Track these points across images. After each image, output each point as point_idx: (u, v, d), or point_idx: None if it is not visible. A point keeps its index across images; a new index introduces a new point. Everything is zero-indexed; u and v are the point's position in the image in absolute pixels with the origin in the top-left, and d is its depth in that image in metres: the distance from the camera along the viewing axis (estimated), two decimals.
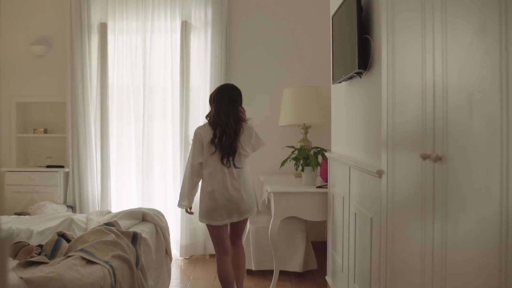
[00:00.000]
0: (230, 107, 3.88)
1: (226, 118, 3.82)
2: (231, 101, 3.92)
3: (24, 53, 6.10)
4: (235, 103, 3.94)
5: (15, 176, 5.84)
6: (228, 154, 3.80)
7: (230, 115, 3.84)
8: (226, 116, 3.83)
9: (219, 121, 3.83)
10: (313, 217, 4.56)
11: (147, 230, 3.93)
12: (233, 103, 3.92)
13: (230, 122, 3.82)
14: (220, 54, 5.80)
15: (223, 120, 3.82)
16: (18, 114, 6.13)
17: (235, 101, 3.95)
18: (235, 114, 3.88)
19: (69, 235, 3.25)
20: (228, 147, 3.79)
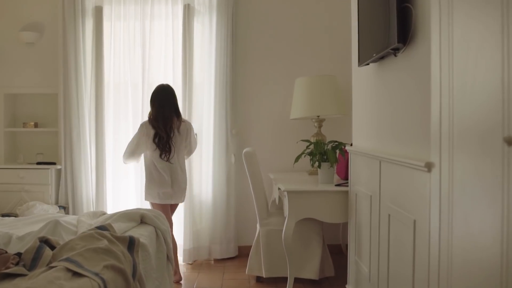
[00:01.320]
0: (167, 106, 4.43)
1: (165, 118, 4.42)
2: (169, 101, 4.46)
3: (12, 40, 5.64)
4: (172, 102, 4.48)
5: (2, 173, 5.36)
6: (165, 151, 4.44)
7: (168, 115, 4.42)
8: (165, 116, 4.42)
9: (158, 121, 4.42)
10: (332, 219, 4.08)
11: (146, 234, 3.44)
12: (170, 102, 4.47)
13: (167, 121, 4.41)
14: (225, 41, 5.32)
15: (161, 120, 4.42)
16: (6, 107, 5.67)
17: (172, 100, 4.48)
18: (171, 113, 4.44)
19: (53, 241, 2.75)
20: (165, 145, 4.43)
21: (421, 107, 2.43)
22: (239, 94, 5.50)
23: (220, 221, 5.37)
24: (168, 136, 4.42)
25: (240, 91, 5.51)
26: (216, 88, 5.33)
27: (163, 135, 4.41)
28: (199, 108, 5.38)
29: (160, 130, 4.41)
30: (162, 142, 4.42)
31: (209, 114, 5.37)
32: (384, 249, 2.98)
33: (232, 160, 5.40)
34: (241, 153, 4.82)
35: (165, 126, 4.41)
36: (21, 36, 5.53)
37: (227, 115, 5.37)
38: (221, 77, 5.32)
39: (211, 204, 5.37)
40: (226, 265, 5.22)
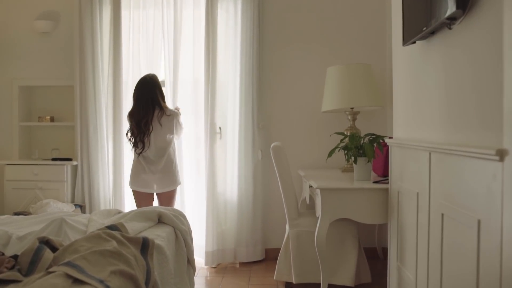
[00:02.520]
0: (143, 102, 4.38)
1: (139, 115, 4.37)
2: (145, 96, 4.39)
3: (27, 30, 5.37)
4: (149, 98, 4.39)
5: (16, 170, 5.09)
6: (136, 146, 4.43)
7: (143, 113, 4.37)
8: (140, 114, 4.37)
9: (133, 116, 4.40)
10: (369, 220, 3.68)
11: (163, 235, 3.09)
12: (147, 98, 4.38)
13: (141, 119, 4.35)
14: (252, 29, 4.97)
15: (135, 116, 4.38)
16: (21, 100, 5.41)
17: (149, 95, 4.39)
18: (147, 110, 4.37)
19: (56, 241, 2.41)
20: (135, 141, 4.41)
21: (485, 87, 2.02)
22: (266, 85, 5.13)
23: (246, 221, 5.00)
24: (140, 132, 4.37)
25: (267, 82, 5.14)
26: (242, 79, 4.97)
27: (135, 130, 4.39)
28: (223, 101, 5.03)
29: (133, 126, 4.40)
30: (133, 136, 4.41)
31: (234, 106, 5.01)
32: (435, 254, 2.57)
33: (259, 156, 5.03)
34: (268, 148, 4.45)
35: (138, 123, 4.37)
36: (35, 26, 5.26)
37: (254, 108, 5.00)
38: (247, 67, 4.97)
39: (236, 204, 5.01)
40: (253, 269, 4.85)
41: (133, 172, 4.52)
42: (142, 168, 4.46)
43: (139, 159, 4.46)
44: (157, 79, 4.51)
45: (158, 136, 4.41)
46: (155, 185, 4.48)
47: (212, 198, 4.97)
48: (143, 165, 4.45)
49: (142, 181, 4.46)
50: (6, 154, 5.39)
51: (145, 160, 4.45)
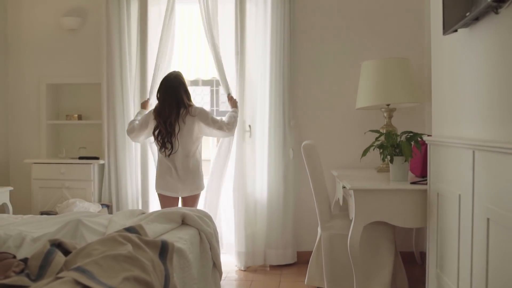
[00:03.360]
0: (168, 102, 4.21)
1: (165, 114, 4.19)
2: (171, 96, 4.21)
3: (54, 27, 5.30)
4: (175, 97, 4.21)
5: (43, 168, 5.02)
6: (165, 147, 4.24)
7: (168, 112, 4.19)
8: (165, 113, 4.20)
9: (160, 116, 4.22)
10: (406, 223, 3.45)
11: (186, 238, 2.93)
12: (172, 97, 4.21)
13: (167, 118, 4.18)
14: (282, 23, 4.78)
15: (162, 116, 4.20)
16: (49, 98, 5.35)
17: (174, 94, 4.21)
18: (171, 109, 4.19)
19: (68, 244, 2.27)
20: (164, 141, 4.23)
21: None
22: (298, 81, 4.93)
23: (276, 223, 4.81)
24: (167, 133, 4.20)
25: (299, 78, 4.94)
26: (272, 76, 4.78)
27: (163, 130, 4.21)
28: (252, 97, 4.85)
29: (161, 126, 4.22)
30: (162, 137, 4.23)
31: (264, 104, 4.83)
32: (480, 263, 2.33)
33: (290, 155, 4.84)
34: (299, 147, 4.25)
35: (165, 122, 4.20)
36: (63, 23, 5.18)
37: (284, 105, 4.81)
38: (277, 63, 4.78)
39: (267, 204, 4.82)
40: (283, 272, 4.66)
41: (158, 174, 4.37)
42: (167, 170, 4.28)
43: (165, 161, 4.29)
44: (182, 77, 4.34)
45: (184, 137, 4.25)
46: (180, 189, 4.32)
47: (241, 198, 4.80)
48: (169, 167, 4.28)
49: (167, 184, 4.29)
50: (34, 153, 5.33)
51: (171, 162, 4.28)
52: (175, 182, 4.28)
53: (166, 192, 4.31)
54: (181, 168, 4.26)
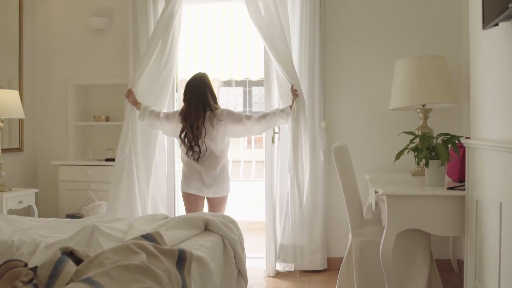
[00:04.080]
0: (195, 106, 4.11)
1: (192, 118, 4.10)
2: (197, 99, 4.12)
3: (81, 27, 5.27)
4: (201, 100, 4.12)
5: (70, 170, 5.01)
6: (193, 151, 4.15)
7: (195, 116, 4.10)
8: (192, 117, 4.11)
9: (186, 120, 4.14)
10: (442, 231, 3.24)
11: (207, 245, 2.80)
12: (198, 100, 4.12)
13: (194, 122, 4.09)
14: (313, 20, 4.62)
15: (189, 120, 4.12)
16: (76, 99, 5.33)
17: (200, 98, 4.13)
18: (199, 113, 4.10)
19: (81, 253, 2.16)
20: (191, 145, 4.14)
21: None
22: (328, 81, 4.76)
23: (306, 228, 4.63)
24: (194, 136, 4.13)
25: (330, 77, 4.78)
26: (302, 75, 4.62)
27: (190, 134, 4.14)
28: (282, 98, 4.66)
29: (187, 130, 4.15)
30: (189, 140, 4.15)
31: None
32: None
33: (321, 158, 4.67)
34: (330, 149, 4.08)
35: (192, 126, 4.12)
36: (90, 23, 5.14)
37: (315, 106, 4.64)
38: (307, 62, 4.62)
39: (296, 208, 4.63)
40: (313, 279, 4.50)
41: (184, 175, 4.28)
42: (194, 172, 4.20)
43: (192, 162, 4.20)
44: (207, 79, 4.25)
45: (211, 140, 4.16)
46: (206, 190, 4.23)
47: (270, 202, 4.65)
48: (196, 168, 4.19)
49: (193, 184, 4.21)
50: (61, 154, 5.31)
51: (198, 164, 4.18)
52: (201, 183, 4.20)
53: (191, 190, 4.21)
54: (208, 170, 4.18)
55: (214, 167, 4.18)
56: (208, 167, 4.17)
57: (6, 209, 4.19)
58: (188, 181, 4.22)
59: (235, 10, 6.24)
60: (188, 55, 6.52)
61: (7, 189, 4.36)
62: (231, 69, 6.88)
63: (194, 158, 4.16)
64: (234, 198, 6.56)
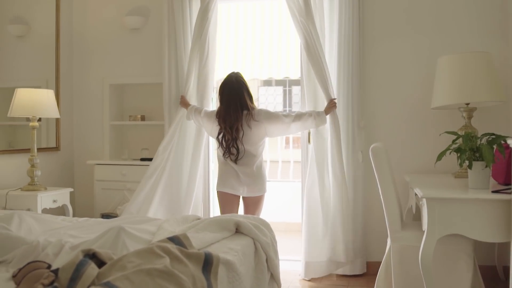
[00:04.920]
0: (233, 106, 4.04)
1: (231, 119, 4.04)
2: (235, 100, 4.06)
3: (117, 27, 5.28)
4: (238, 101, 4.06)
5: (106, 170, 5.02)
6: (230, 153, 4.08)
7: (234, 116, 4.03)
8: (231, 118, 4.04)
9: (225, 122, 4.07)
10: (487, 236, 3.06)
11: (237, 248, 2.70)
12: (236, 100, 4.06)
13: (233, 123, 4.03)
14: (351, 14, 4.46)
15: (228, 122, 4.05)
16: (112, 98, 5.34)
17: (238, 98, 4.06)
18: (237, 113, 4.04)
19: (104, 255, 2.09)
20: (228, 147, 4.07)
21: None
22: (367, 79, 4.62)
23: (344, 230, 4.49)
24: (233, 138, 4.05)
25: (368, 74, 4.63)
26: (340, 72, 4.49)
27: (228, 136, 4.06)
28: (318, 95, 4.53)
29: (226, 132, 4.08)
30: (227, 142, 4.08)
31: None
32: None
33: (359, 158, 4.52)
34: (369, 150, 3.92)
35: (231, 128, 4.05)
36: (126, 22, 5.15)
37: (353, 105, 4.50)
38: (345, 60, 4.48)
39: (334, 210, 4.50)
40: (351, 283, 4.36)
41: (220, 175, 4.22)
42: (230, 172, 4.14)
43: (228, 162, 4.13)
44: (243, 78, 4.18)
45: (248, 140, 4.09)
46: (241, 189, 4.16)
47: (307, 203, 4.53)
48: (232, 168, 4.12)
49: (229, 182, 4.15)
50: (97, 154, 5.33)
51: (234, 164, 4.11)
52: (237, 182, 4.14)
53: (227, 190, 4.15)
54: (244, 168, 4.12)
55: (250, 166, 4.12)
56: (244, 166, 4.11)
57: (41, 208, 4.20)
58: (224, 180, 4.17)
59: (274, 7, 6.15)
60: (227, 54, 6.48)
61: (42, 188, 4.37)
62: (270, 68, 6.79)
63: (232, 160, 4.11)
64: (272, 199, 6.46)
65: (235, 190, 4.14)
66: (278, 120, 4.12)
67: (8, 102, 4.30)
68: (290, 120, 4.15)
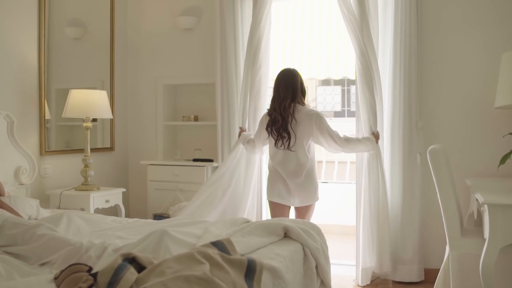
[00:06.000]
0: (283, 89, 3.94)
1: (280, 99, 3.92)
2: (286, 83, 3.95)
3: (170, 27, 5.30)
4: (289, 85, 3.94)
5: (158, 170, 5.04)
6: (281, 137, 3.90)
7: (282, 96, 3.92)
8: (280, 97, 3.92)
9: (274, 102, 3.96)
10: None
11: (284, 254, 2.60)
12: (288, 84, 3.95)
13: (282, 102, 3.90)
14: (408, 11, 4.28)
15: (277, 102, 3.94)
16: (166, 99, 5.37)
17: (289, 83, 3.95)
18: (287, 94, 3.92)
19: (144, 259, 2.03)
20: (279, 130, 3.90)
21: None
22: (426, 77, 4.41)
23: (400, 235, 4.32)
24: (284, 120, 3.86)
25: (427, 73, 4.42)
26: (396, 70, 4.32)
27: (278, 117, 3.88)
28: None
29: (275, 113, 3.91)
30: (276, 126, 3.90)
31: (387, 101, 4.38)
32: None
33: (418, 161, 4.32)
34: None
35: (280, 106, 3.89)
36: (178, 22, 5.16)
37: (411, 104, 4.30)
38: (401, 55, 4.30)
39: (390, 215, 4.32)
40: None
41: (269, 181, 4.08)
42: (279, 177, 3.98)
43: (276, 167, 3.99)
44: (298, 73, 4.05)
45: (298, 131, 3.90)
46: (292, 199, 3.99)
47: (361, 207, 4.37)
48: (281, 174, 3.97)
49: (279, 192, 3.98)
50: (151, 154, 5.37)
51: (283, 169, 3.95)
52: (286, 190, 3.97)
53: (277, 199, 3.99)
54: (293, 176, 3.93)
55: (299, 174, 3.93)
56: (292, 174, 3.93)
57: (93, 208, 4.23)
58: (272, 189, 4.02)
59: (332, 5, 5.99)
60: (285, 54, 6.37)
61: (95, 188, 4.41)
62: (328, 68, 6.65)
63: (285, 147, 3.88)
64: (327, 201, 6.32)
65: (285, 200, 3.99)
66: (323, 134, 3.92)
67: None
68: (335, 142, 3.95)
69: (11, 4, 4.12)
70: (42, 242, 2.56)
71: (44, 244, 2.56)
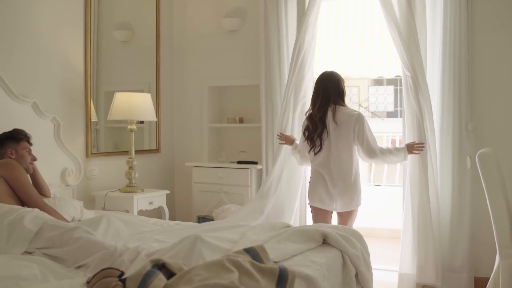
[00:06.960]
0: (320, 95, 3.90)
1: (316, 108, 3.90)
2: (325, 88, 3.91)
3: (215, 29, 5.32)
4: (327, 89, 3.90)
5: (203, 172, 5.05)
6: (313, 145, 3.90)
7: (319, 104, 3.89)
8: (316, 106, 3.90)
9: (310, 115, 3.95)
10: None
11: (321, 262, 2.53)
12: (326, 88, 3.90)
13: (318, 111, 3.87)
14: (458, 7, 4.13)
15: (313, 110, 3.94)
16: (211, 101, 5.38)
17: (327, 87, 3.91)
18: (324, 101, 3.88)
19: (173, 265, 2.00)
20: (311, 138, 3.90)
21: None
22: (476, 76, 4.24)
23: (449, 242, 4.17)
24: (315, 127, 3.87)
25: (478, 72, 4.25)
26: (445, 68, 4.18)
27: (310, 126, 3.90)
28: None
29: (309, 122, 3.93)
30: (309, 133, 3.91)
31: (435, 103, 4.23)
32: None
33: (468, 164, 4.16)
34: None
35: (315, 116, 3.88)
36: (223, 24, 5.17)
37: (461, 105, 4.16)
38: (450, 54, 4.15)
39: (438, 221, 4.17)
40: None
41: (311, 185, 4.02)
42: (320, 181, 3.93)
43: (318, 171, 3.93)
44: (336, 76, 3.98)
45: (337, 140, 3.86)
46: (334, 203, 3.93)
47: (407, 210, 4.24)
48: (323, 177, 3.90)
49: (319, 197, 3.93)
50: (196, 156, 5.40)
51: (325, 172, 3.88)
52: (328, 195, 3.92)
53: (319, 205, 3.94)
54: (335, 179, 3.87)
55: (342, 176, 3.86)
56: (334, 176, 3.87)
57: (137, 209, 4.27)
58: (313, 193, 3.98)
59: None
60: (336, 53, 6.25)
61: (139, 189, 4.45)
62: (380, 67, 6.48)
63: (315, 153, 3.87)
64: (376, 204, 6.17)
65: (326, 205, 3.93)
66: (362, 142, 3.82)
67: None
68: (367, 140, 3.83)
69: (57, 10, 4.21)
70: (78, 245, 2.60)
71: (80, 247, 2.59)
